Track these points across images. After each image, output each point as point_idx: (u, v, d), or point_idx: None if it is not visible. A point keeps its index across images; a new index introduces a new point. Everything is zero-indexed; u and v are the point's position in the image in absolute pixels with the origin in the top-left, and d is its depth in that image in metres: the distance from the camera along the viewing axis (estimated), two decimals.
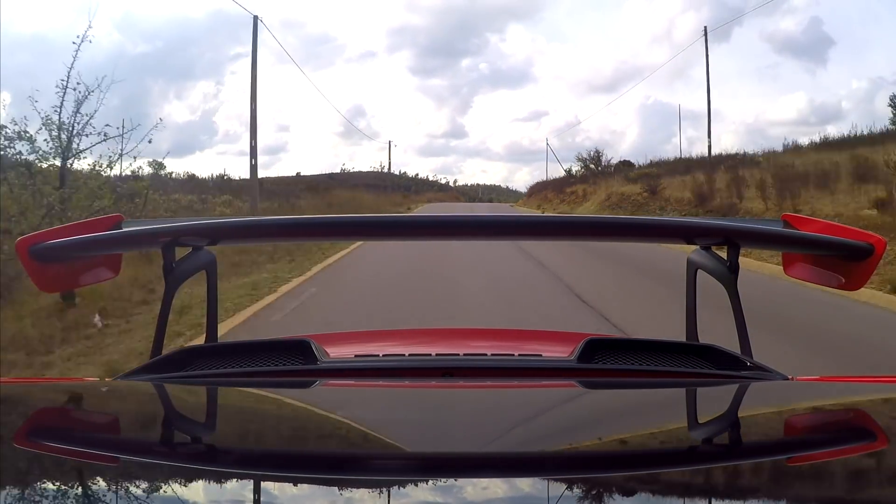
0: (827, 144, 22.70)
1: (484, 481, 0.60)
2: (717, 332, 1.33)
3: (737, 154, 26.76)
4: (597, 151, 42.13)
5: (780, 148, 24.67)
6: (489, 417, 0.84)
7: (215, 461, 0.68)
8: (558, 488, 0.61)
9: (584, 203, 32.35)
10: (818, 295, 6.41)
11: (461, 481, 0.60)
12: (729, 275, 1.06)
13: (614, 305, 6.89)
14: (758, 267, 8.83)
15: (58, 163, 8.63)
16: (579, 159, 42.75)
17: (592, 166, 40.26)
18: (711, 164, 24.93)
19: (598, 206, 28.61)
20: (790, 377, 1.04)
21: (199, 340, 2.22)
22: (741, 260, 1.06)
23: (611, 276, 9.25)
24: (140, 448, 0.71)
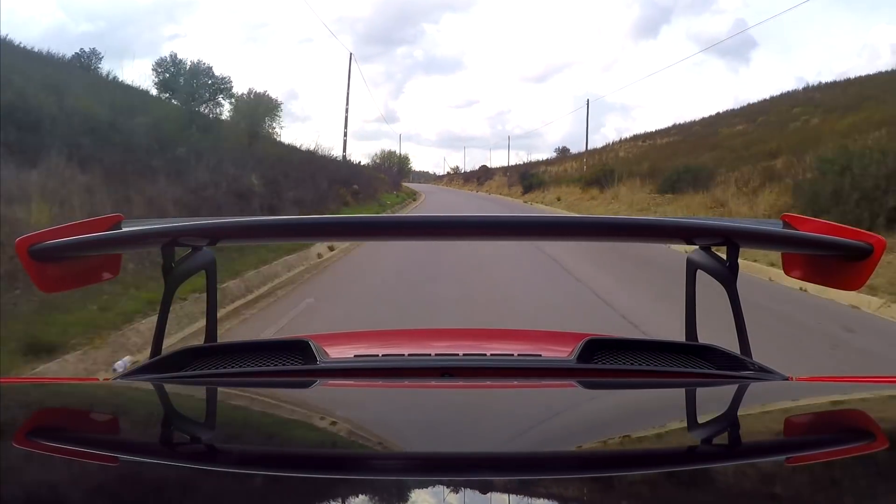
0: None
1: (483, 481, 0.60)
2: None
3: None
4: (457, 166, 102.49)
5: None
6: (488, 417, 0.84)
7: (215, 461, 0.68)
8: (558, 488, 0.61)
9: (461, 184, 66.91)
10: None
11: (460, 481, 0.60)
12: (728, 275, 1.06)
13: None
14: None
15: None
16: (451, 168, 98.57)
17: (453, 171, 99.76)
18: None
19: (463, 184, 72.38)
20: (790, 377, 1.04)
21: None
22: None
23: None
24: (140, 448, 0.71)
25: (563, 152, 61.71)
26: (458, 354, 1.21)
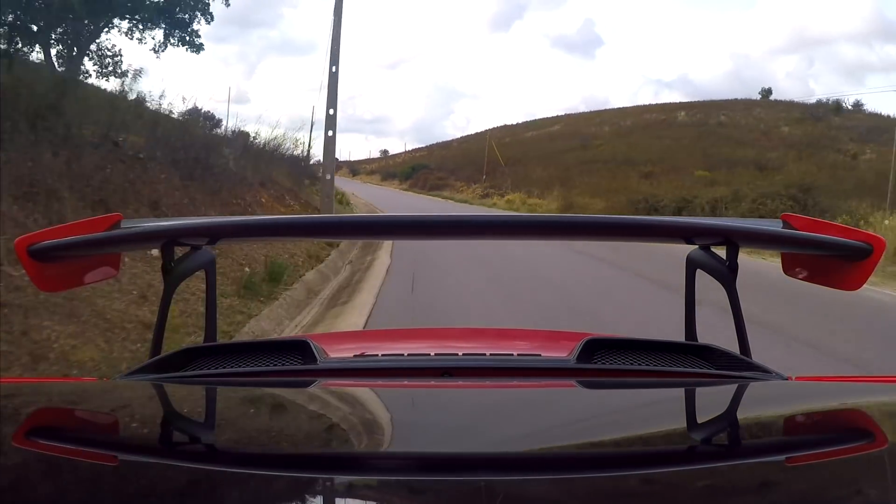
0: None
1: (482, 481, 0.60)
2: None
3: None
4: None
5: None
6: (488, 417, 0.84)
7: (215, 461, 0.68)
8: (557, 488, 0.61)
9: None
10: None
11: (460, 481, 0.60)
12: (728, 274, 1.06)
13: None
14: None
15: None
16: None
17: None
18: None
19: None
20: (789, 377, 1.04)
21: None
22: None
23: None
24: (140, 448, 0.71)
25: (385, 153, 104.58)
26: (457, 354, 1.21)
